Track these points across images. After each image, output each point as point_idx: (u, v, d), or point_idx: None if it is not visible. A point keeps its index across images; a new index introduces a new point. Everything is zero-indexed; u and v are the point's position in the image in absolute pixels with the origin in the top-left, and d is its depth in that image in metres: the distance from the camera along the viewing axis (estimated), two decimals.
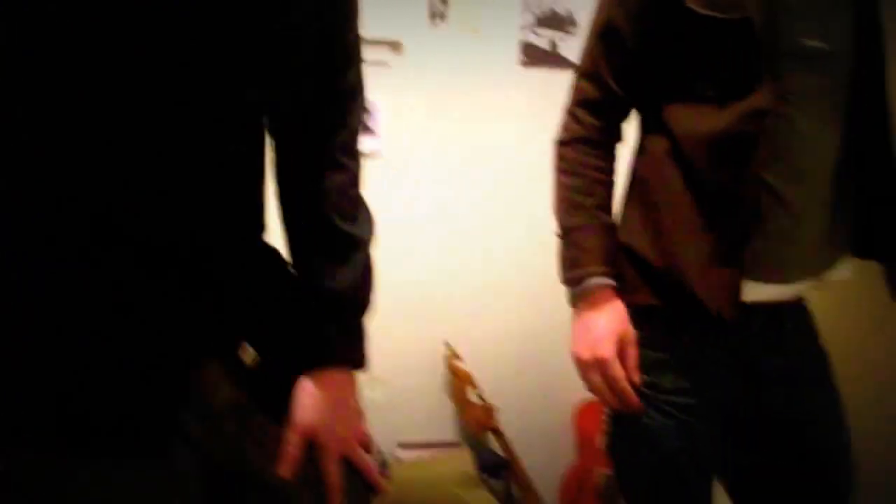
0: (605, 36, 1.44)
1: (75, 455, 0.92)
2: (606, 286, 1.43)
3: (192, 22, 0.91)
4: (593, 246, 1.44)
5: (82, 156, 0.91)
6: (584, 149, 1.48)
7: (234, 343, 1.12)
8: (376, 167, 2.81)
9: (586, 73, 1.48)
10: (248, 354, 1.14)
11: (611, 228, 1.47)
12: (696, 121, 1.35)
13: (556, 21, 3.18)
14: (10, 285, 0.92)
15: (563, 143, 1.52)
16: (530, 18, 3.13)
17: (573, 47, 3.19)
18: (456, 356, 2.96)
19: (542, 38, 3.16)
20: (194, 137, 0.97)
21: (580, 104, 1.49)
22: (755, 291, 1.37)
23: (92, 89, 0.89)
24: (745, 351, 1.43)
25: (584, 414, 3.00)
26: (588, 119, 1.47)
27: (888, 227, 1.47)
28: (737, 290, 1.34)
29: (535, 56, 3.15)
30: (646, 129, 1.48)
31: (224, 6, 0.93)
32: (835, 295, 1.60)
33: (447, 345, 2.99)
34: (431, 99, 2.97)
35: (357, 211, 1.20)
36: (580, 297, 1.44)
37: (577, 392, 1.93)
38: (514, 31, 3.11)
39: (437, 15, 2.96)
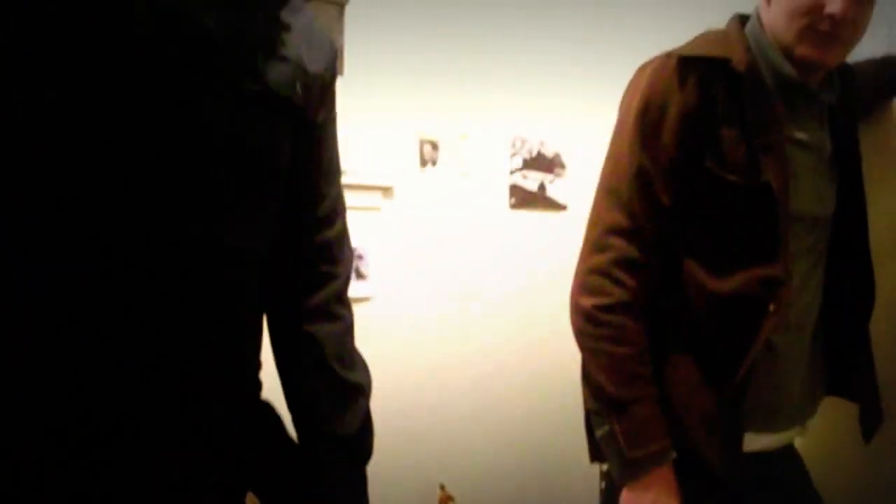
0: (639, 182, 1.39)
1: None
2: (669, 461, 1.38)
3: (176, 162, 0.92)
4: (655, 420, 1.38)
5: (75, 319, 0.91)
6: (630, 315, 1.39)
7: (240, 491, 1.12)
8: (368, 311, 2.80)
9: (619, 229, 1.40)
10: (253, 502, 1.14)
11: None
12: (711, 280, 1.38)
13: (544, 163, 3.27)
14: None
15: (606, 310, 1.39)
16: (519, 162, 3.21)
17: (561, 189, 3.27)
18: (450, 498, 2.93)
19: (531, 181, 3.23)
20: (183, 291, 0.98)
21: (617, 264, 1.39)
22: (750, 442, 1.41)
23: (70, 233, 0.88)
24: (742, 497, 1.43)
25: None
26: (629, 281, 1.39)
27: (861, 367, 1.54)
28: (738, 452, 1.38)
29: (524, 198, 3.21)
30: (656, 284, 1.46)
31: (208, 149, 0.95)
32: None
33: (442, 487, 2.95)
34: (421, 242, 3.01)
35: (354, 358, 1.22)
36: (638, 475, 1.38)
37: None
38: (503, 174, 3.18)
39: (428, 161, 3.03)
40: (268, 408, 1.19)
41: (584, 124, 3.28)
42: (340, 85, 1.26)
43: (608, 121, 1.53)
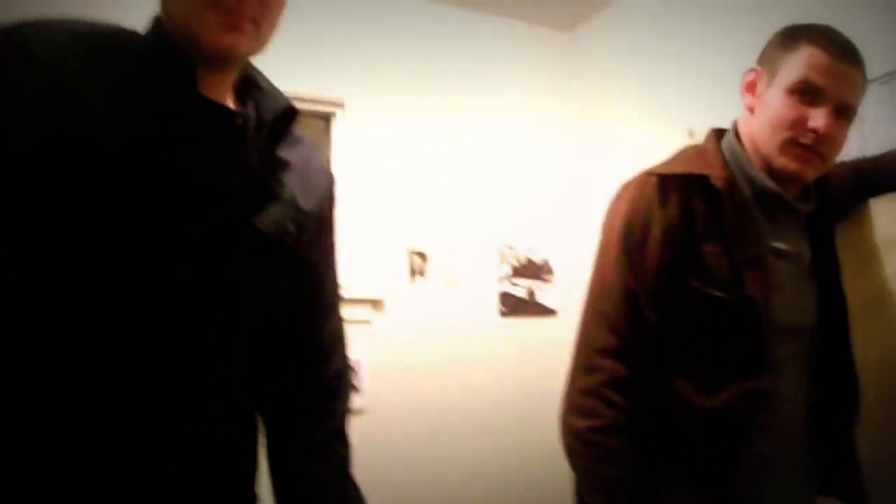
0: (625, 302, 1.40)
1: None
2: None
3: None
4: None
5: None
6: (623, 436, 1.37)
7: None
8: (361, 424, 2.75)
9: (608, 349, 1.40)
10: None
11: None
12: (698, 396, 1.38)
13: (533, 270, 3.30)
14: None
15: (600, 431, 1.37)
16: (507, 269, 3.24)
17: (551, 295, 3.28)
18: None
19: (520, 288, 3.26)
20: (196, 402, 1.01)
21: (608, 385, 1.38)
22: None
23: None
24: None
25: None
26: (621, 401, 1.37)
27: (849, 467, 1.53)
28: None
29: (513, 305, 3.22)
30: (647, 402, 1.44)
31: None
32: None
33: None
34: (413, 354, 3.01)
35: (349, 492, 1.21)
36: None
37: None
38: (493, 282, 3.21)
39: (417, 272, 3.06)
40: None
41: (572, 230, 3.34)
42: None
43: (595, 224, 1.55)
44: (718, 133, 1.54)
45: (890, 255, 1.68)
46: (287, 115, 1.10)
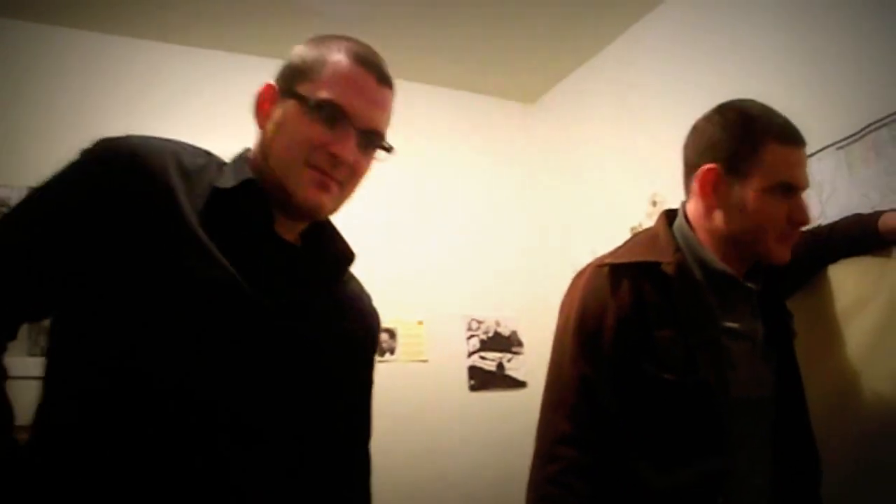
0: (582, 390, 1.42)
1: None
2: None
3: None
4: None
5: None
6: None
7: None
8: None
9: (566, 438, 1.41)
10: None
11: None
12: (657, 479, 1.37)
13: (502, 343, 3.28)
14: None
15: None
16: (476, 344, 3.21)
17: (520, 367, 3.26)
18: None
19: (489, 361, 3.23)
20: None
21: (569, 472, 1.39)
22: None
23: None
24: None
25: None
26: (583, 488, 1.37)
27: None
28: None
29: (483, 379, 3.19)
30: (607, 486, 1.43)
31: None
32: None
33: None
34: (383, 433, 2.90)
35: None
36: None
37: None
38: (462, 357, 3.18)
39: (386, 350, 3.02)
40: None
41: (538, 301, 3.33)
42: None
43: (561, 295, 1.56)
44: (669, 215, 1.58)
45: (850, 321, 1.69)
46: (347, 258, 1.23)
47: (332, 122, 1.07)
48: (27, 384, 1.06)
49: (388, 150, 1.17)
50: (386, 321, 3.02)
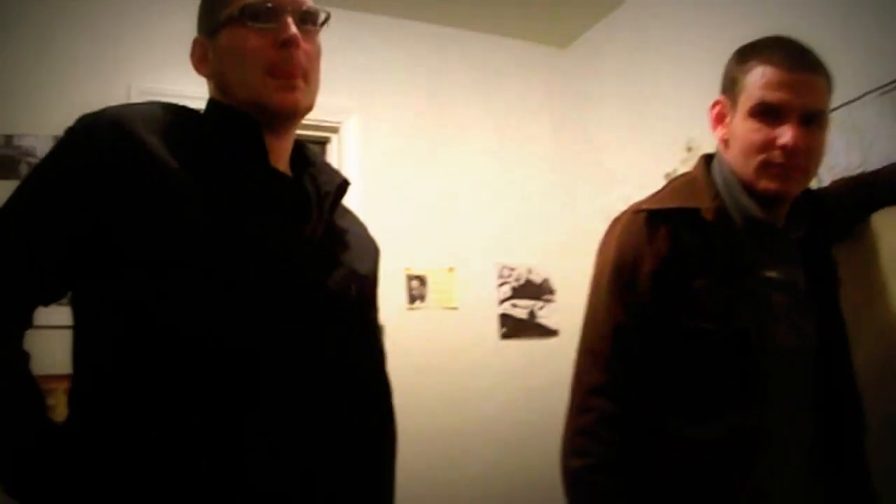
0: (616, 340, 1.40)
1: None
2: None
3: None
4: None
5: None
6: (618, 475, 1.36)
7: None
8: None
9: (599, 388, 1.40)
10: None
11: None
12: (694, 431, 1.36)
13: (533, 290, 3.27)
14: None
15: (595, 470, 1.37)
16: (507, 291, 3.20)
17: (551, 314, 3.25)
18: None
19: (521, 309, 3.22)
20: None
21: (601, 423, 1.38)
22: None
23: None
24: None
25: None
26: (614, 438, 1.37)
27: (860, 486, 1.49)
28: None
29: (514, 327, 3.18)
30: (642, 438, 1.43)
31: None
32: None
33: None
34: (413, 380, 2.95)
35: None
36: None
37: None
38: (493, 305, 3.17)
39: (416, 297, 3.02)
40: None
41: (572, 248, 3.30)
42: None
43: (594, 242, 1.53)
44: (708, 159, 1.52)
45: (894, 273, 1.65)
46: (342, 188, 1.22)
47: (266, 20, 1.08)
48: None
49: (326, 19, 1.17)
50: (416, 268, 3.07)
